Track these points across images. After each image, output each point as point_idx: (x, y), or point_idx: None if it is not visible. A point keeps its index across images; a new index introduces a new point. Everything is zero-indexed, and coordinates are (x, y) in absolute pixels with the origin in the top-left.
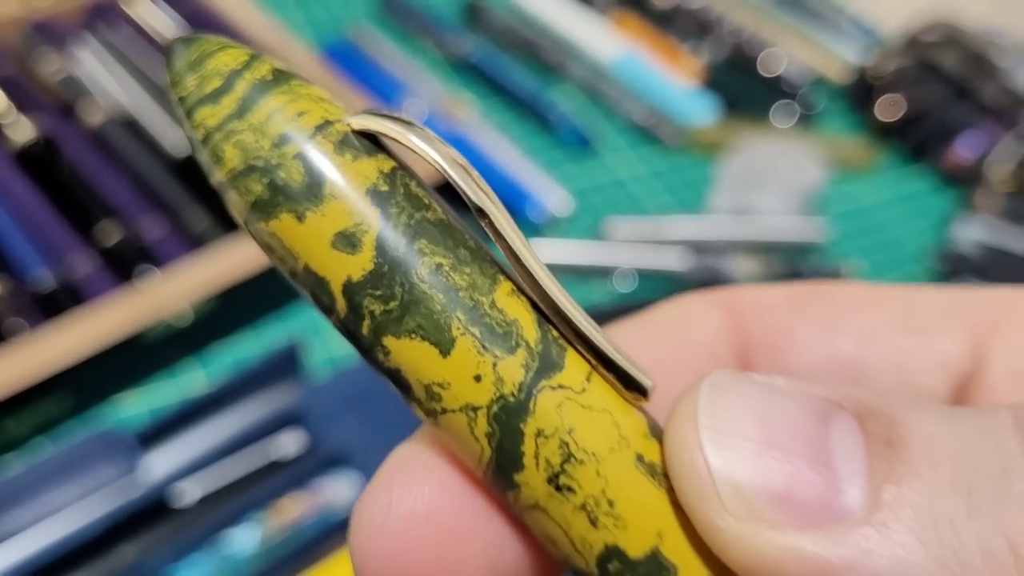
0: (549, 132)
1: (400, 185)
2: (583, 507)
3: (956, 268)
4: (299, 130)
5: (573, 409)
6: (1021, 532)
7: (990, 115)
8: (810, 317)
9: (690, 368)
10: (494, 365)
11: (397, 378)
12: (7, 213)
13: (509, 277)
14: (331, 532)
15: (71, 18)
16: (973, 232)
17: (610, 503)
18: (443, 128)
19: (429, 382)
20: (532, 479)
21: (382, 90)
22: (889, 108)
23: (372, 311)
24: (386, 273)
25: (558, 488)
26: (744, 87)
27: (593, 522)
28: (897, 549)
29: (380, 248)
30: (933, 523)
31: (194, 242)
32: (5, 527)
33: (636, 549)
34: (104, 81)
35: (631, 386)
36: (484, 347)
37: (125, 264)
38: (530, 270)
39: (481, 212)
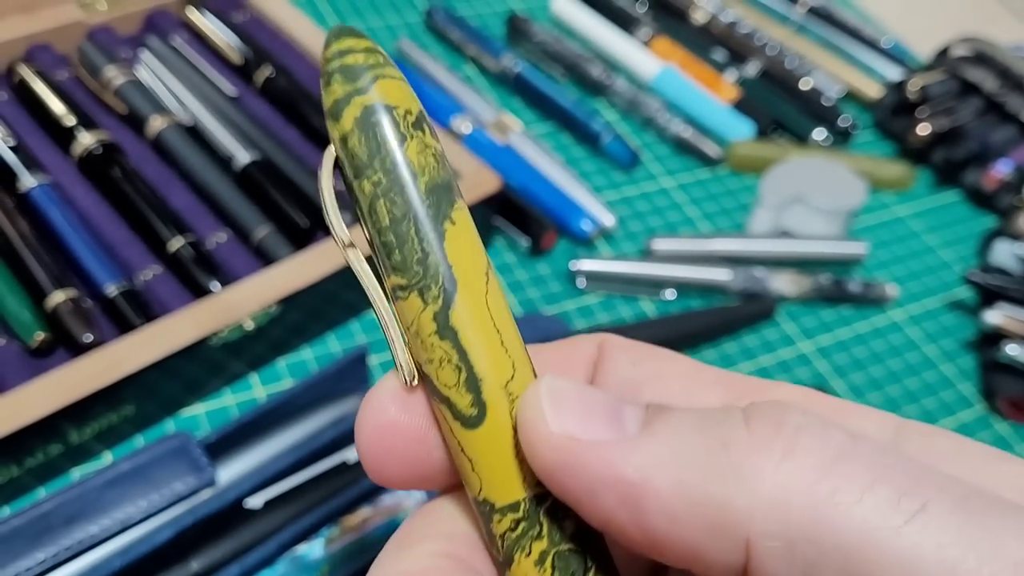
0: (591, 146)
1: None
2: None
3: (994, 289)
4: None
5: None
6: (732, 432)
7: None
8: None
9: (574, 366)
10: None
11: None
12: (69, 220)
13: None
14: None
15: (129, 25)
16: (1012, 253)
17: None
18: (490, 142)
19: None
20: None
21: (431, 103)
22: (925, 128)
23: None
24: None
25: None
26: (781, 106)
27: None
28: (655, 449)
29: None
30: (678, 434)
31: (255, 250)
32: (74, 537)
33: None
34: (161, 88)
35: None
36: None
37: (187, 272)
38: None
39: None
